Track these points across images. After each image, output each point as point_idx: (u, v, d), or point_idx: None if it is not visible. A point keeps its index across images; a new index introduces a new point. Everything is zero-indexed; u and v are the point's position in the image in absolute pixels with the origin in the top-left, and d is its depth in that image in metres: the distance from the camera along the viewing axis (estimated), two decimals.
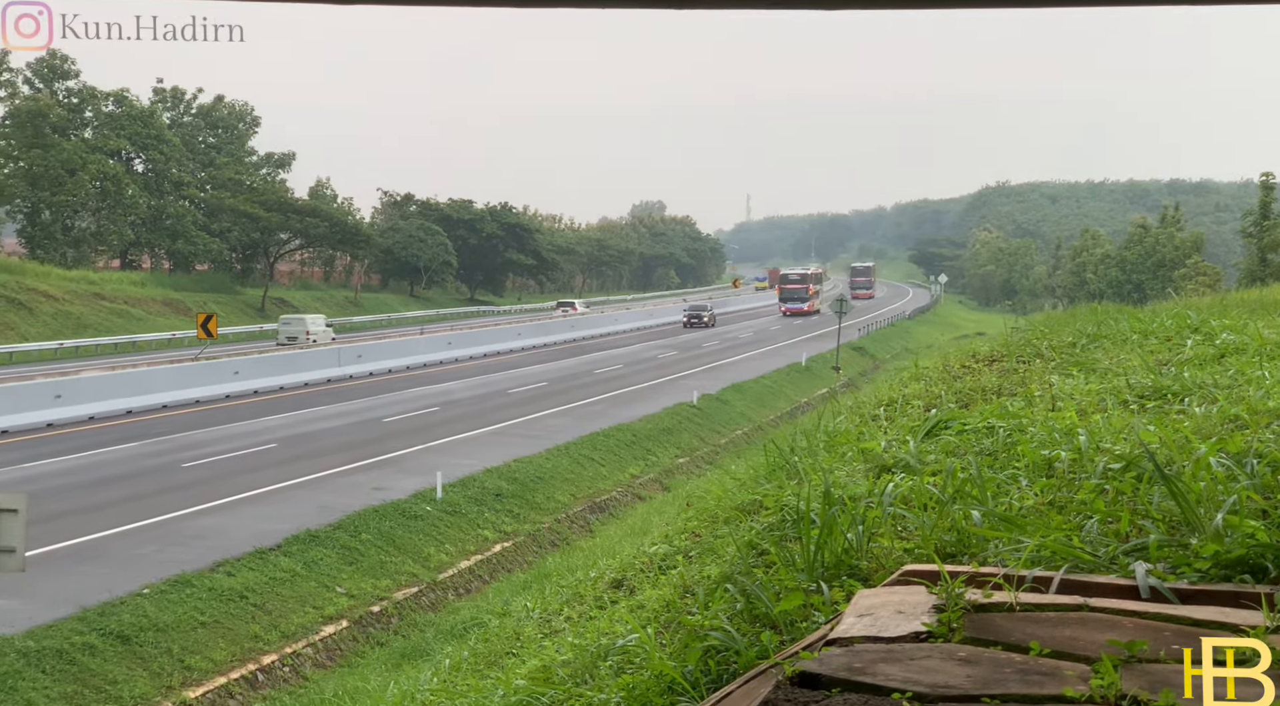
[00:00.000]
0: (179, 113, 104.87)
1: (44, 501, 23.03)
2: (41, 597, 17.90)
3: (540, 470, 31.57)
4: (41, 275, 77.27)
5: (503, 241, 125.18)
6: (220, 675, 17.62)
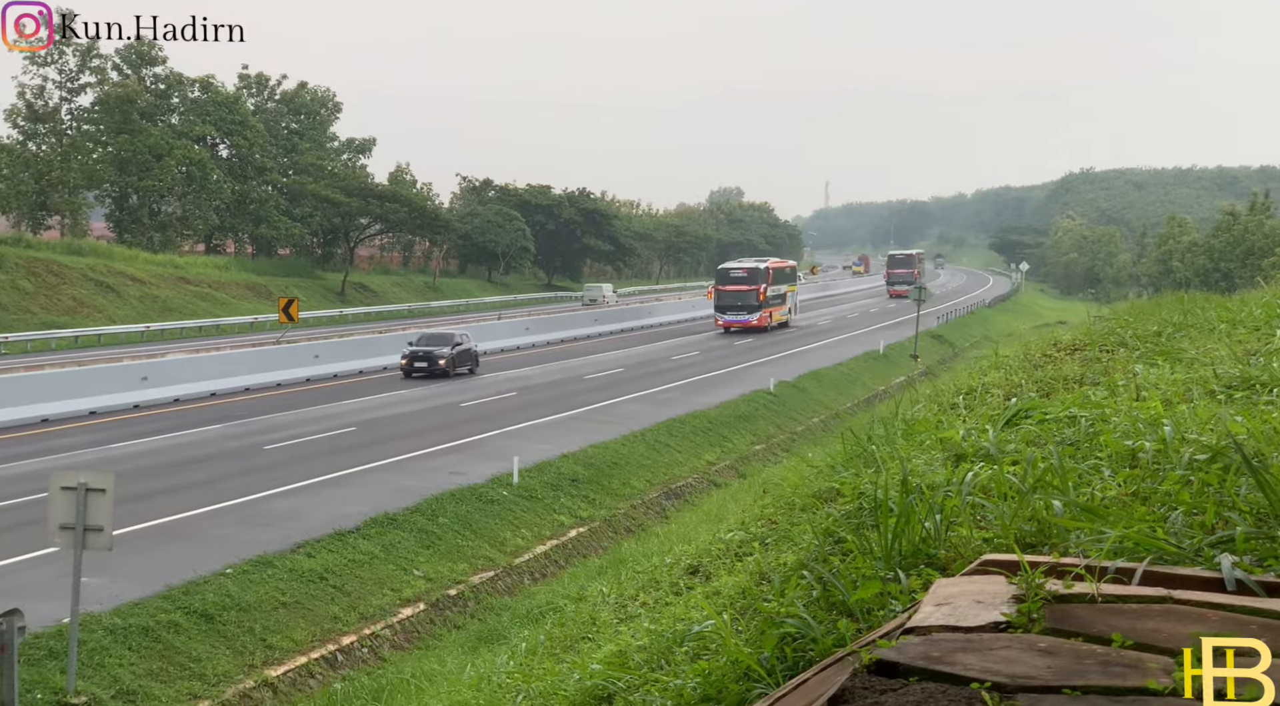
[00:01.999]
0: (263, 99, 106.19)
1: (131, 481, 23.43)
2: (128, 575, 18.24)
3: (616, 456, 31.64)
4: (129, 259, 78.68)
5: (580, 227, 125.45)
6: (301, 654, 17.86)
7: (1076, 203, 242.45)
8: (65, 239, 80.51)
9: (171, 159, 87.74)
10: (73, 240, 79.67)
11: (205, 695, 15.90)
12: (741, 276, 73.88)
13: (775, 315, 75.85)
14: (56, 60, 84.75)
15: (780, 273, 77.81)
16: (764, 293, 72.59)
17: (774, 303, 75.30)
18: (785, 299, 78.10)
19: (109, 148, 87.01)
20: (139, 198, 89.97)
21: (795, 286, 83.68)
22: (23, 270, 68.19)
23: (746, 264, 77.51)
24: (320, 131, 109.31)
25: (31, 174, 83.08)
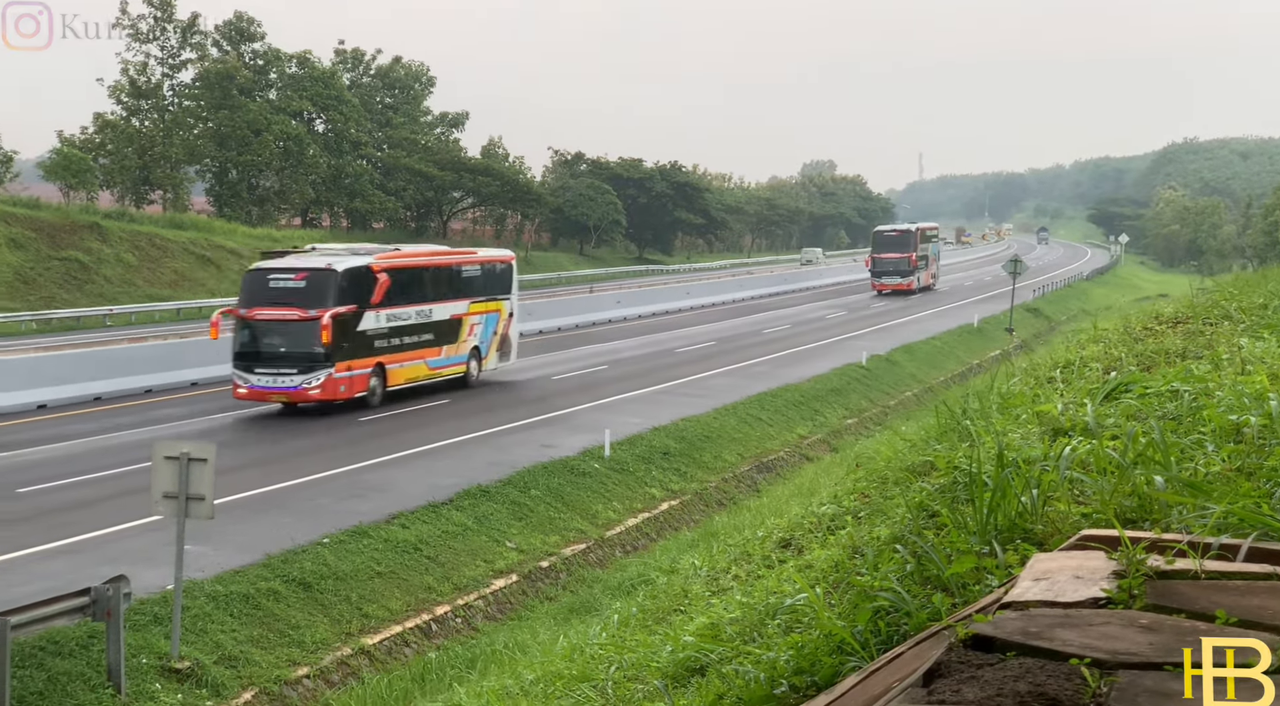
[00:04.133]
0: (358, 74, 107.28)
1: (231, 452, 23.85)
2: (229, 544, 18.59)
3: (708, 429, 31.62)
4: (228, 233, 79.99)
5: (672, 200, 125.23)
6: (396, 624, 18.11)
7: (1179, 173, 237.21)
8: (167, 213, 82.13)
9: (269, 134, 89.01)
10: (174, 214, 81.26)
11: (304, 662, 16.19)
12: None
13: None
14: (159, 37, 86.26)
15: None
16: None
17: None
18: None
19: (209, 123, 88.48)
20: (238, 172, 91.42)
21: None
22: (127, 244, 69.63)
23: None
24: (414, 106, 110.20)
25: (135, 149, 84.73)
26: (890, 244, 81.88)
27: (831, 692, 3.87)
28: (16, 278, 62.12)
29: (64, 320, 56.09)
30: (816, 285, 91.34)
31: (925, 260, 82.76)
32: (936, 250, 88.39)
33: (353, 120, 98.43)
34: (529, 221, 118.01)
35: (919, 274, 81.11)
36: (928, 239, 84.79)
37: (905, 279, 79.66)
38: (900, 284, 79.49)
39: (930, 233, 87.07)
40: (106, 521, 19.92)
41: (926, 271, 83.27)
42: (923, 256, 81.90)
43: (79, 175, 75.79)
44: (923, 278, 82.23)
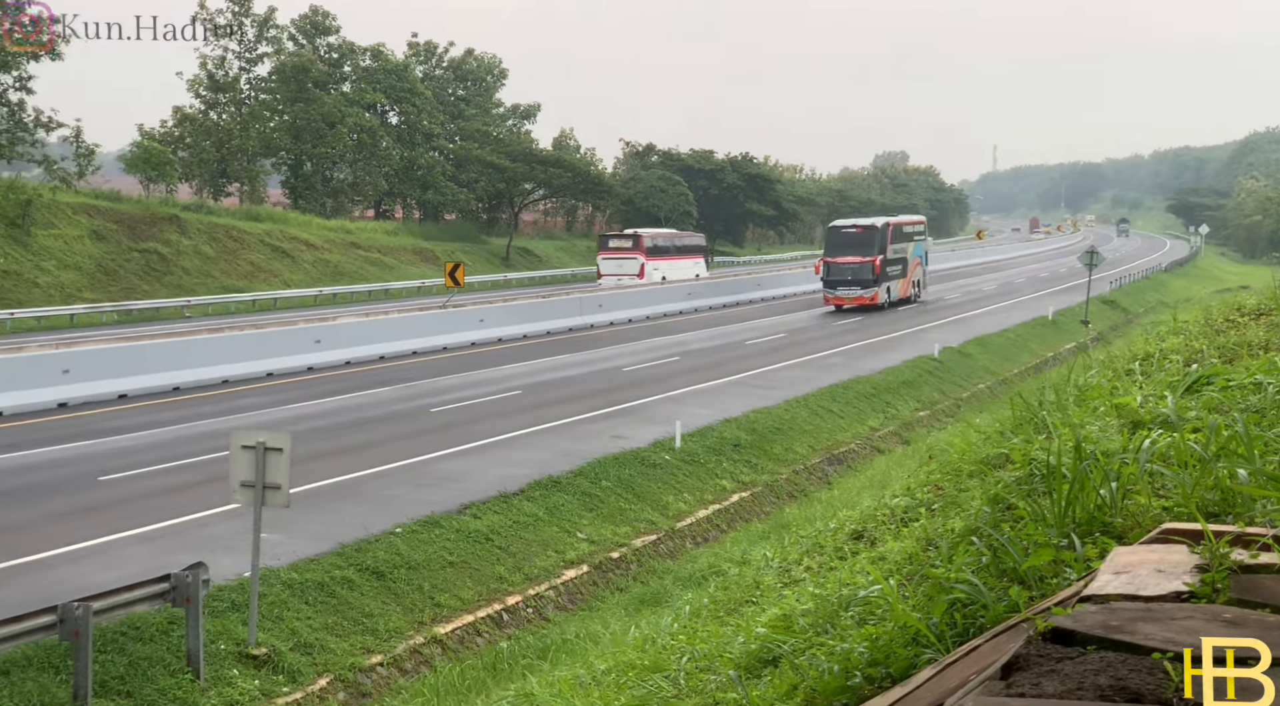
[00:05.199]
0: (431, 66, 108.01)
1: (306, 441, 24.11)
2: (304, 532, 18.81)
3: (778, 421, 31.53)
4: (303, 224, 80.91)
5: (743, 192, 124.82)
6: (468, 613, 18.23)
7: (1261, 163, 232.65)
8: (244, 205, 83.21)
9: (343, 126, 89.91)
10: (251, 206, 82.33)
11: (377, 649, 16.35)
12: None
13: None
14: (236, 31, 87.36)
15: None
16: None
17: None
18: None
19: (285, 116, 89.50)
20: (312, 165, 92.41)
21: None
22: (205, 236, 70.64)
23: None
24: (486, 98, 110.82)
25: (213, 142, 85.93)
26: (847, 244, 61.35)
27: (907, 685, 3.85)
28: (98, 269, 63.23)
29: (144, 311, 57.03)
30: None
31: (900, 265, 63.98)
32: (921, 251, 68.28)
33: (425, 112, 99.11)
34: (600, 213, 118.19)
35: (889, 283, 62.31)
36: (905, 237, 65.45)
37: (868, 290, 60.44)
38: (861, 297, 60.42)
39: (910, 228, 67.30)
40: (186, 509, 20.22)
41: (903, 280, 64.64)
42: (895, 260, 63.11)
43: (159, 168, 76.90)
44: (896, 288, 63.61)
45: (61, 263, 61.91)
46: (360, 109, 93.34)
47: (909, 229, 67.27)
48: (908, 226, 67.48)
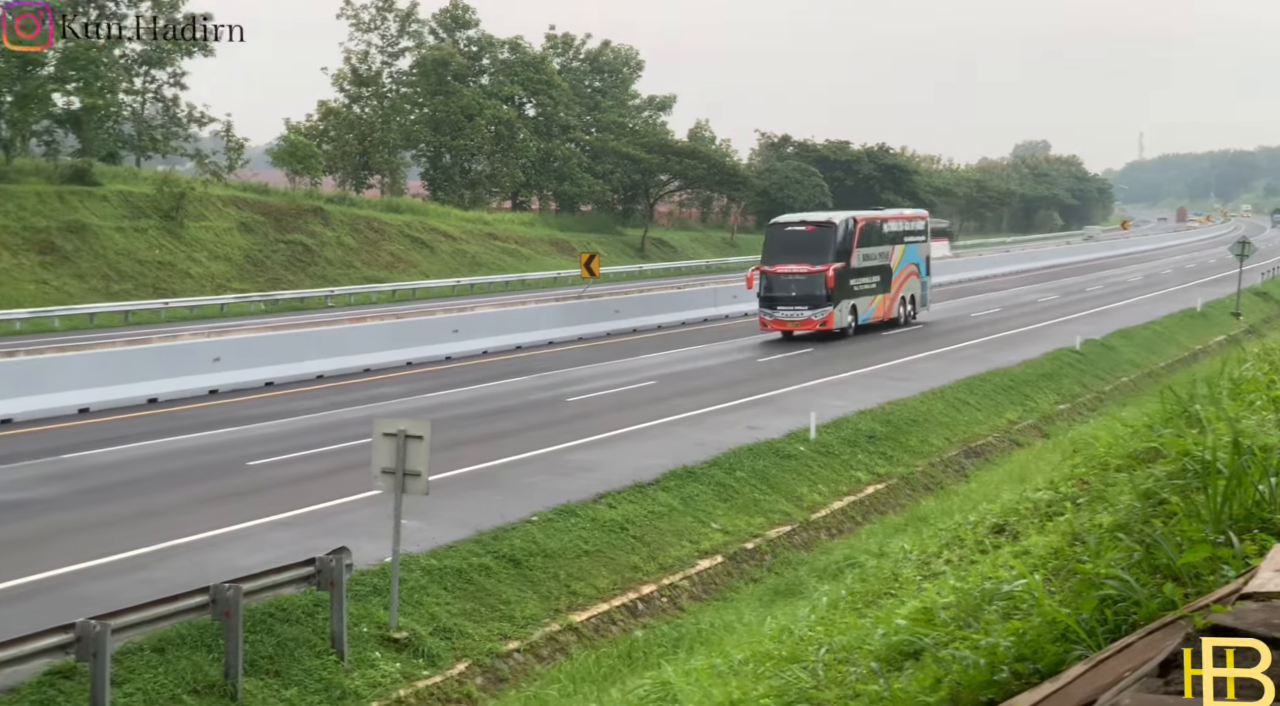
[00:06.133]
0: (568, 58, 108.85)
1: (444, 430, 24.48)
2: (443, 519, 19.08)
3: (914, 413, 31.17)
4: (442, 216, 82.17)
5: (879, 183, 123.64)
6: (603, 602, 18.33)
7: None
8: (385, 197, 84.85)
9: (482, 119, 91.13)
10: (391, 198, 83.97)
11: (514, 636, 16.53)
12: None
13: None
14: (379, 26, 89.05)
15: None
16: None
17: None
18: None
19: (425, 109, 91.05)
20: (451, 157, 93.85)
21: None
22: (347, 227, 72.16)
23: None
24: (622, 89, 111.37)
25: (355, 135, 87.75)
26: (791, 247, 44.55)
27: (1057, 680, 3.78)
28: (247, 260, 65.02)
29: (289, 301, 58.48)
30: (1026, 269, 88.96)
31: (877, 276, 47.16)
32: (917, 257, 50.54)
33: (562, 104, 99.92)
34: (735, 204, 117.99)
35: (852, 301, 45.23)
36: (887, 238, 48.42)
37: (817, 312, 43.44)
38: (809, 321, 43.57)
39: (896, 226, 50.08)
40: (328, 495, 20.67)
41: (884, 296, 47.69)
42: (867, 270, 46.27)
43: (304, 161, 78.79)
44: (870, 306, 46.73)
45: (212, 254, 63.76)
46: (498, 101, 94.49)
47: (894, 227, 49.66)
48: (892, 223, 50.01)
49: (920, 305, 51.10)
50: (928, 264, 51.99)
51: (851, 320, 45.37)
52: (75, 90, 65.97)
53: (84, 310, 50.61)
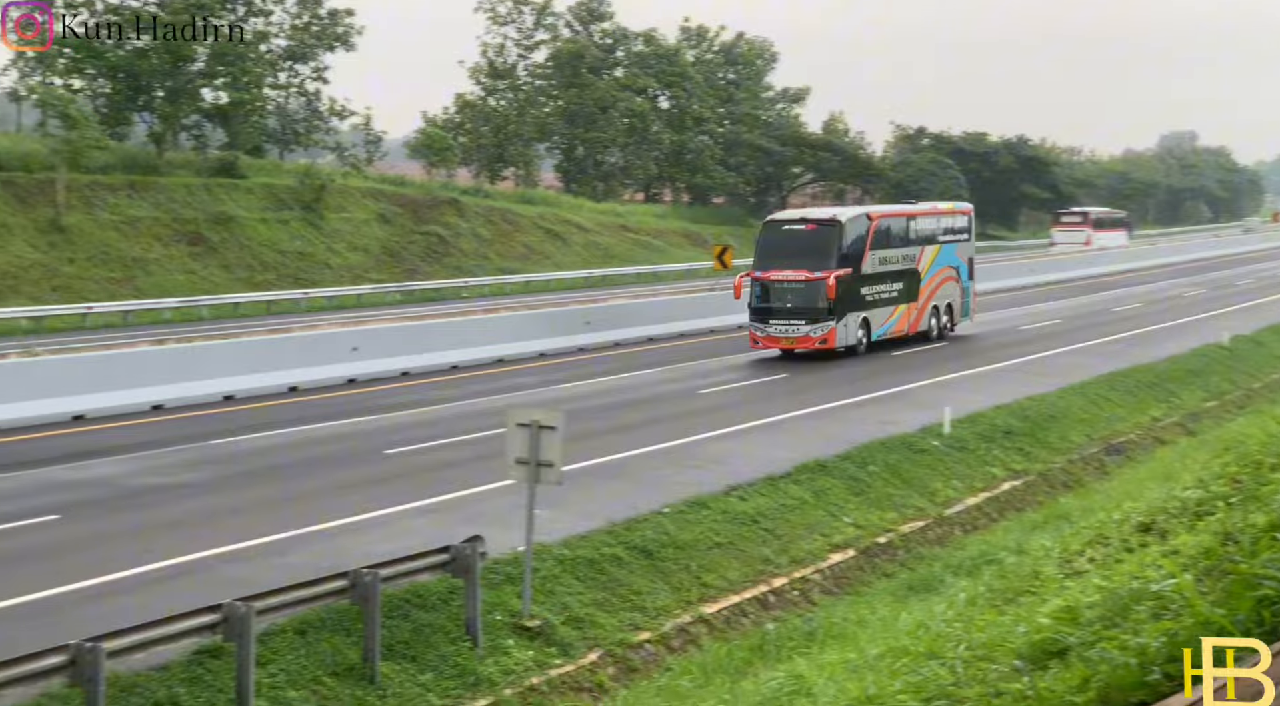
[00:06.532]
0: (702, 50, 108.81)
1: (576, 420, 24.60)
2: (575, 509, 19.17)
3: (1052, 408, 30.55)
4: (574, 208, 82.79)
5: (1018, 175, 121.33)
6: (734, 594, 18.28)
7: None
8: (519, 189, 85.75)
9: (615, 111, 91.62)
10: (525, 190, 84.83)
11: (645, 627, 16.56)
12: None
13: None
14: (515, 19, 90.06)
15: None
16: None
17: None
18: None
19: (559, 101, 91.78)
20: (585, 149, 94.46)
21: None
22: (481, 219, 73.05)
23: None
24: (756, 81, 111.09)
25: (491, 128, 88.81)
26: (788, 249, 37.58)
27: None
28: (384, 251, 66.23)
29: (425, 291, 59.43)
30: (1174, 262, 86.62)
31: (900, 283, 39.96)
32: (955, 259, 43.13)
33: (696, 96, 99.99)
34: (869, 196, 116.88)
35: (862, 313, 38.06)
36: (914, 238, 41.30)
37: (816, 327, 36.43)
38: (806, 338, 36.61)
39: (927, 223, 42.65)
40: (463, 484, 20.93)
41: (908, 306, 40.42)
42: (884, 276, 39.23)
43: (440, 153, 79.99)
44: (890, 318, 39.61)
45: (350, 245, 65.07)
46: (632, 94, 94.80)
47: (925, 225, 42.45)
48: (923, 220, 42.61)
49: (961, 315, 43.86)
50: (971, 267, 44.74)
51: (862, 336, 38.21)
52: (223, 85, 67.73)
53: (229, 300, 52.11)
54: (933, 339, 41.66)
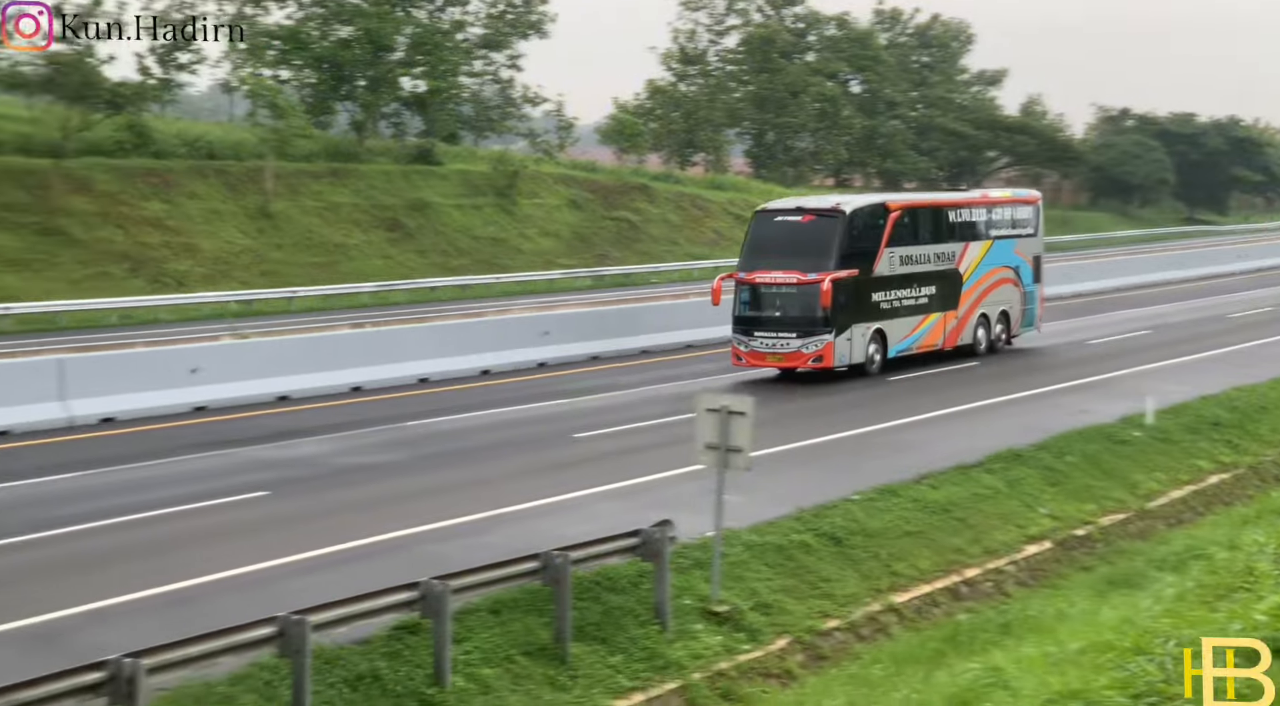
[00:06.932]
0: (895, 33, 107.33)
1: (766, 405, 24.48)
2: (762, 495, 19.06)
3: (1264, 400, 29.28)
4: (764, 193, 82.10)
5: (1227, 157, 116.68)
6: (924, 583, 17.98)
7: None
8: (708, 174, 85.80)
9: (806, 96, 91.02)
10: (714, 176, 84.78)
11: (834, 614, 16.39)
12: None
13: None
14: (707, 4, 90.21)
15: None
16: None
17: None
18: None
19: (750, 86, 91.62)
20: (775, 134, 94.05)
21: None
22: (671, 204, 73.36)
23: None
24: (950, 64, 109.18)
25: (681, 113, 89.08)
26: (780, 246, 31.06)
27: None
28: (574, 236, 67.04)
29: (614, 276, 59.89)
30: None
31: (931, 285, 32.95)
32: (1011, 257, 35.68)
33: (888, 80, 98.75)
34: (1067, 181, 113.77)
35: (873, 324, 31.30)
36: (956, 230, 34.48)
37: (808, 341, 29.91)
38: (798, 355, 30.13)
39: (975, 213, 35.40)
40: (652, 468, 21.03)
41: (944, 315, 33.49)
42: (919, 276, 32.62)
43: (631, 139, 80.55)
44: (904, 329, 32.34)
45: (542, 230, 66.03)
46: (823, 78, 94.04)
47: (971, 215, 35.20)
48: (969, 210, 35.31)
49: (1022, 324, 36.23)
50: (1037, 267, 36.93)
51: (875, 351, 31.25)
52: (422, 74, 69.30)
53: (424, 284, 53.34)
54: (980, 354, 34.68)
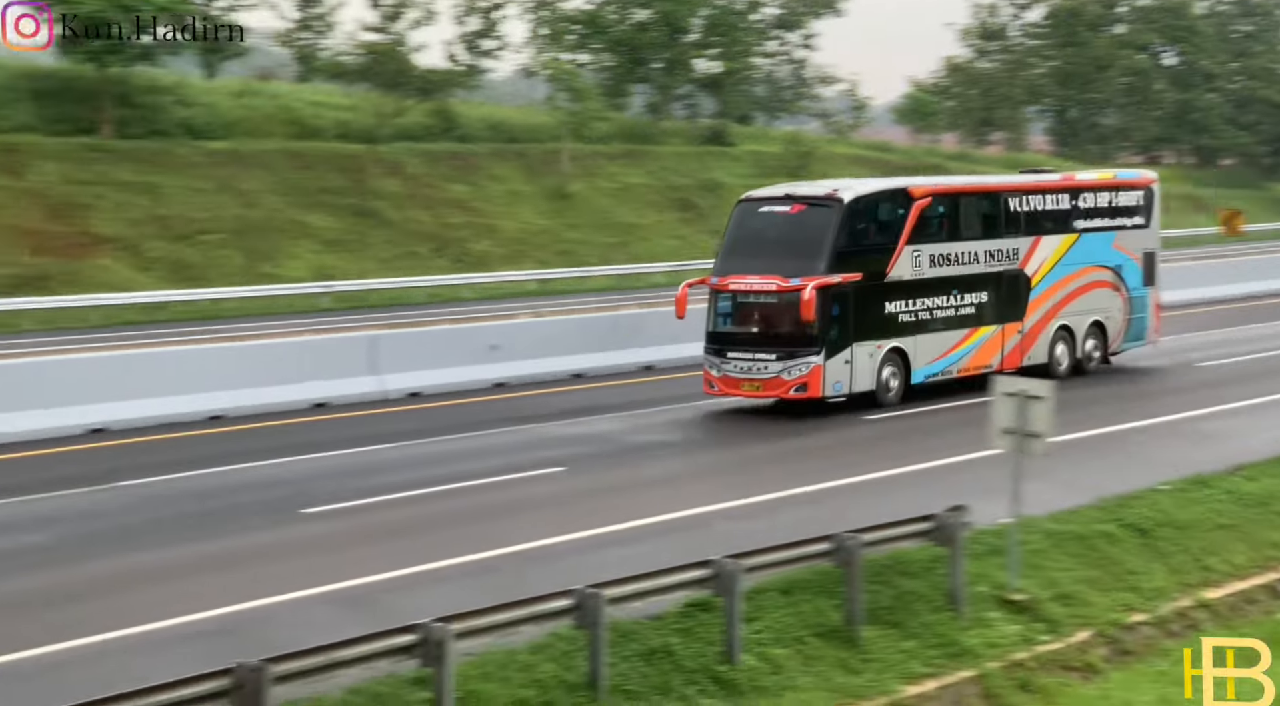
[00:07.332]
0: (1214, 2, 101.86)
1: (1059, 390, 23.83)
2: (1059, 482, 18.48)
3: None
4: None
5: None
6: (1239, 579, 17.11)
7: None
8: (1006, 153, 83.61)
9: (1114, 69, 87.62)
10: (1012, 154, 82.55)
11: (1139, 608, 15.75)
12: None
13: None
14: None
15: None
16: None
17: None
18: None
19: (1053, 61, 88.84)
20: (1078, 110, 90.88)
21: None
22: None
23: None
24: (1275, 33, 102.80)
25: (979, 91, 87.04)
26: (763, 243, 24.89)
27: None
28: None
29: None
30: None
31: (981, 293, 26.00)
32: (1107, 255, 28.37)
33: (1205, 51, 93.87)
34: None
35: (888, 341, 24.49)
36: (1019, 221, 26.95)
37: (789, 364, 23.24)
38: (776, 379, 23.52)
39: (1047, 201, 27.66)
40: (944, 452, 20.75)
41: (1002, 329, 26.35)
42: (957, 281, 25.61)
43: (926, 118, 79.22)
44: (935, 348, 25.34)
45: None
46: (1133, 51, 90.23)
47: (1042, 203, 27.78)
48: (1039, 197, 27.79)
49: (1125, 338, 29.12)
50: (1150, 266, 29.49)
51: (892, 375, 24.71)
52: (716, 55, 69.84)
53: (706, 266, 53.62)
54: (1060, 376, 26.47)
